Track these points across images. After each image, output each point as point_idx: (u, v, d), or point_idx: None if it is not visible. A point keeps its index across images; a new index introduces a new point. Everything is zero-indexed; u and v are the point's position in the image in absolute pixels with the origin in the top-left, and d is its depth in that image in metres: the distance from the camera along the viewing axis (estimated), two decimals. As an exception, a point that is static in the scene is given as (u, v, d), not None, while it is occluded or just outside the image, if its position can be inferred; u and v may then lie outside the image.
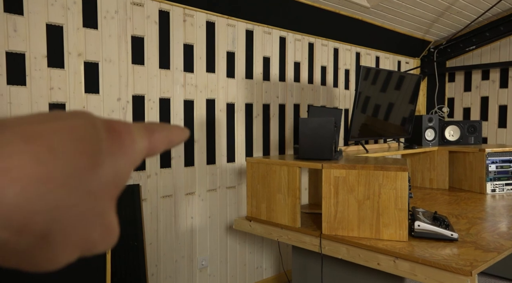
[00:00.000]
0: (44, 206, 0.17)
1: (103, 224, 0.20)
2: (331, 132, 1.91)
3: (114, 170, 0.20)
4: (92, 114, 0.21)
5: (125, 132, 0.21)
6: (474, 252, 1.57)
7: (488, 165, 2.77)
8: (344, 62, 3.44)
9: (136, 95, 2.19)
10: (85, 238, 0.20)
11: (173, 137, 0.25)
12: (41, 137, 0.18)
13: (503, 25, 3.65)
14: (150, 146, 0.23)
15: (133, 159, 0.22)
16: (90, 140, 0.19)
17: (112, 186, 0.20)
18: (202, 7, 2.42)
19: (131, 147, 0.21)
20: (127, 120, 0.22)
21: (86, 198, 0.19)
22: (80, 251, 0.20)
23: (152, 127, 0.24)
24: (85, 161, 0.19)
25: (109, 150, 0.20)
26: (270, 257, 2.95)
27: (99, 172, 0.19)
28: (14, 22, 1.78)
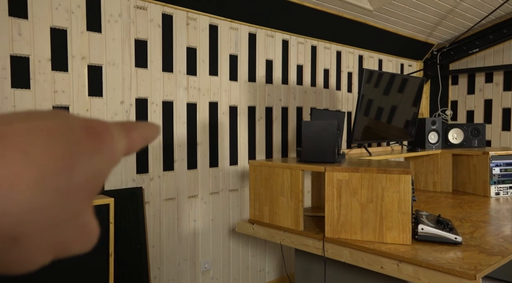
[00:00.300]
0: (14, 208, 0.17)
1: (78, 225, 0.20)
2: (334, 135, 1.91)
3: (91, 170, 0.20)
4: (70, 114, 0.20)
5: (103, 132, 0.21)
6: (478, 255, 1.56)
7: (492, 168, 2.76)
8: (347, 65, 3.44)
9: (139, 98, 2.20)
10: (59, 240, 0.19)
11: (148, 135, 0.25)
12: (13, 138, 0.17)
13: (506, 27, 3.65)
14: (128, 144, 0.23)
15: (112, 158, 0.21)
16: (65, 141, 0.19)
17: (88, 187, 0.20)
18: (205, 10, 2.43)
19: (110, 146, 0.21)
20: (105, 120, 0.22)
21: (61, 199, 0.18)
22: (54, 253, 0.20)
23: (129, 125, 0.23)
24: (59, 162, 0.18)
25: (86, 150, 0.20)
26: (273, 260, 2.95)
27: (74, 172, 0.19)
28: (18, 26, 1.79)
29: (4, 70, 1.76)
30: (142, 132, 0.24)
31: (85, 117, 0.21)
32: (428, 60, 4.19)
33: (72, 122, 0.20)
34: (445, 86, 4.17)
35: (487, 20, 3.58)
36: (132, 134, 0.23)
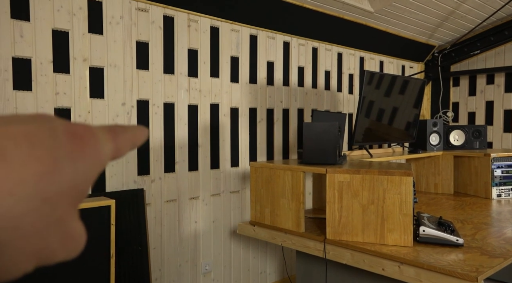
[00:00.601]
0: None
1: (62, 232, 0.20)
2: (335, 136, 1.91)
3: (76, 175, 0.19)
4: (53, 117, 0.20)
5: (87, 136, 0.20)
6: (480, 257, 1.55)
7: (494, 170, 2.75)
8: (348, 67, 3.44)
9: (140, 100, 2.20)
10: (42, 247, 0.19)
11: (135, 138, 0.24)
12: None
13: (507, 29, 3.65)
14: (115, 148, 0.22)
15: (97, 162, 0.21)
16: (46, 145, 0.18)
17: (72, 192, 0.19)
18: (207, 12, 2.44)
19: (94, 150, 0.21)
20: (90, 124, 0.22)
21: (42, 206, 0.18)
22: (38, 260, 0.19)
23: (115, 129, 0.23)
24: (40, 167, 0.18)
25: (69, 155, 0.19)
26: (274, 262, 2.94)
27: (56, 178, 0.18)
28: (20, 28, 1.80)
29: (6, 72, 1.77)
30: (129, 136, 0.24)
31: (69, 121, 0.21)
32: (429, 62, 4.19)
33: (55, 126, 0.19)
34: (446, 87, 4.17)
35: (488, 21, 3.58)
36: (118, 138, 0.23)
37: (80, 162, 0.20)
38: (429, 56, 4.16)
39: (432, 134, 3.04)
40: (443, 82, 4.11)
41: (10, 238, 0.17)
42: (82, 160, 0.20)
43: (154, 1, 2.22)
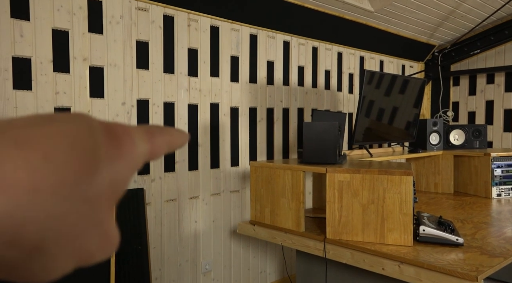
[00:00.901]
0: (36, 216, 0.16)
1: (101, 233, 0.20)
2: (335, 136, 1.91)
3: (113, 176, 0.19)
4: (90, 117, 0.20)
5: (124, 136, 0.20)
6: (480, 257, 1.55)
7: (494, 169, 2.75)
8: (348, 66, 3.44)
9: (140, 100, 2.20)
10: (81, 248, 0.19)
11: (174, 141, 0.24)
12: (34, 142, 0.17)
13: (507, 29, 3.64)
14: (151, 149, 0.22)
15: (133, 163, 0.21)
16: (86, 145, 0.18)
17: (110, 193, 0.19)
18: (207, 11, 2.44)
19: (131, 151, 0.20)
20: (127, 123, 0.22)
21: (82, 207, 0.18)
22: (77, 262, 0.19)
23: (152, 130, 0.23)
24: (81, 168, 0.17)
25: (108, 155, 0.19)
26: (274, 261, 2.94)
27: (96, 178, 0.18)
28: (20, 28, 1.80)
29: (6, 72, 1.77)
30: (166, 138, 0.23)
31: (106, 120, 0.21)
32: (429, 61, 4.19)
33: (93, 125, 0.19)
34: (446, 87, 4.16)
35: (488, 21, 3.58)
36: (155, 139, 0.22)
37: (118, 163, 0.19)
38: (429, 55, 4.16)
39: (432, 133, 3.04)
40: (443, 81, 4.11)
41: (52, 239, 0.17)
42: (120, 160, 0.20)
43: (154, 1, 2.21)
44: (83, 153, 0.18)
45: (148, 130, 0.22)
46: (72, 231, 0.18)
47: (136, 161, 0.21)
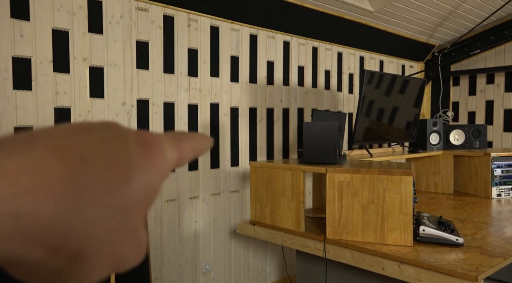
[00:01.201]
0: (77, 224, 0.16)
1: (134, 240, 0.20)
2: (335, 136, 1.91)
3: (146, 184, 0.19)
4: (121, 125, 0.20)
5: (154, 144, 0.21)
6: (480, 257, 1.55)
7: (494, 169, 2.75)
8: (348, 66, 3.44)
9: (140, 100, 2.20)
10: (117, 255, 0.19)
11: (199, 147, 0.24)
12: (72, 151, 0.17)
13: (507, 29, 3.64)
14: (179, 156, 0.23)
15: (163, 171, 0.21)
16: (121, 154, 0.18)
17: (143, 201, 0.20)
18: (207, 12, 2.44)
19: (161, 159, 0.21)
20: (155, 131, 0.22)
21: (119, 215, 0.18)
22: (112, 268, 0.19)
23: (179, 137, 0.23)
24: (118, 176, 0.18)
25: (140, 163, 0.19)
26: (274, 261, 2.95)
27: (131, 187, 0.19)
28: (20, 28, 1.80)
29: (6, 72, 1.77)
30: (193, 144, 0.24)
31: (136, 129, 0.21)
32: (429, 61, 4.19)
33: (125, 134, 0.20)
34: (446, 87, 4.17)
35: (488, 21, 3.58)
36: (182, 146, 0.23)
37: (149, 171, 0.20)
38: (429, 55, 4.16)
39: (432, 133, 3.04)
40: (443, 81, 4.11)
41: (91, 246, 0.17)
42: (151, 168, 0.20)
43: (154, 1, 2.22)
44: (119, 161, 0.18)
45: (176, 137, 0.23)
46: (109, 238, 0.18)
47: (166, 169, 0.21)
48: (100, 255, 0.18)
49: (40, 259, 0.16)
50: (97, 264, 0.18)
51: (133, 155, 0.19)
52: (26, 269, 0.17)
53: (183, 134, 0.24)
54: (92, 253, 0.18)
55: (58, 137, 0.17)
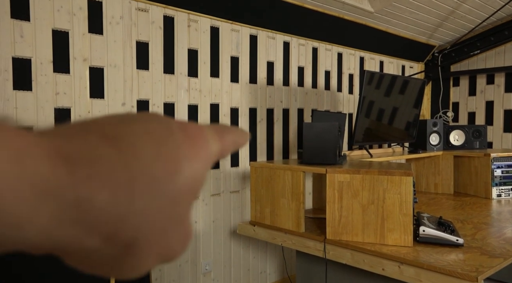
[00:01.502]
0: (131, 213, 0.17)
1: (182, 231, 0.20)
2: (335, 136, 1.91)
3: (192, 175, 0.19)
4: (163, 116, 0.20)
5: (199, 135, 0.21)
6: (480, 257, 1.55)
7: (494, 170, 2.75)
8: (348, 67, 3.44)
9: (140, 100, 2.20)
10: (166, 245, 0.19)
11: (239, 140, 0.24)
12: (124, 140, 0.17)
13: (507, 29, 3.65)
14: (221, 148, 0.23)
15: (207, 162, 0.21)
16: (169, 145, 0.19)
17: (190, 192, 0.20)
18: (207, 12, 2.44)
19: (205, 150, 0.21)
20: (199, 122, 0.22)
21: (168, 205, 0.18)
22: (161, 259, 0.20)
23: (221, 129, 0.23)
24: (167, 166, 0.18)
25: (186, 154, 0.19)
26: (274, 262, 2.94)
27: (179, 178, 0.19)
28: (20, 28, 1.80)
29: (6, 72, 1.77)
30: (234, 137, 0.24)
31: (180, 120, 0.21)
32: (429, 62, 4.19)
33: (172, 125, 0.20)
34: (446, 87, 4.17)
35: (488, 21, 3.58)
36: (224, 138, 0.23)
37: (195, 162, 0.20)
38: (429, 56, 4.16)
39: (432, 134, 3.04)
40: (443, 82, 4.11)
41: (143, 236, 0.18)
42: (196, 159, 0.20)
43: (154, 1, 2.22)
44: (167, 152, 0.18)
45: (218, 129, 0.23)
46: (159, 228, 0.18)
47: (209, 160, 0.21)
48: (151, 245, 0.18)
49: (96, 247, 0.17)
50: (148, 254, 0.18)
51: (181, 146, 0.19)
52: (82, 258, 0.17)
53: (225, 127, 0.24)
54: (143, 243, 0.18)
55: (109, 126, 0.17)
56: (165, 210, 0.18)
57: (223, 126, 0.24)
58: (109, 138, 0.17)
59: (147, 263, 0.19)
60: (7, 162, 0.14)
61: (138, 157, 0.17)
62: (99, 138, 0.17)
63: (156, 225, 0.18)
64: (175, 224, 0.19)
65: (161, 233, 0.19)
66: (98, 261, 0.18)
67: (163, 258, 0.20)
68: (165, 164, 0.18)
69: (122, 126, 0.18)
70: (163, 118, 0.20)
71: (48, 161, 0.15)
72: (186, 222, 0.20)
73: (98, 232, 0.16)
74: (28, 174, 0.14)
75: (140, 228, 0.17)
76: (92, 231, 0.16)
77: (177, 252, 0.20)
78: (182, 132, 0.20)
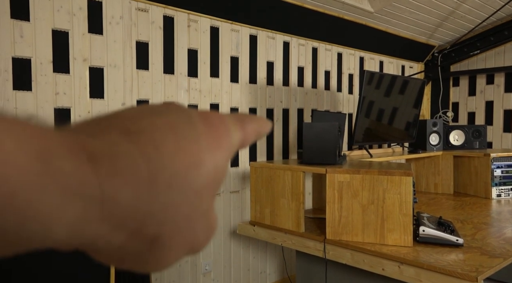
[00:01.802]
0: (154, 208, 0.17)
1: (206, 222, 0.20)
2: (335, 136, 1.91)
3: (214, 166, 0.19)
4: (184, 107, 0.20)
5: (220, 125, 0.21)
6: (480, 257, 1.55)
7: (494, 170, 2.75)
8: (348, 67, 3.44)
9: (140, 100, 2.20)
10: (191, 238, 0.19)
11: (261, 129, 0.24)
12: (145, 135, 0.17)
13: (507, 29, 3.65)
14: (243, 137, 0.22)
15: (229, 152, 0.21)
16: (190, 136, 0.19)
17: (213, 183, 0.19)
18: (206, 12, 2.44)
19: (228, 140, 0.21)
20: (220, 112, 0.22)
21: (192, 198, 0.18)
22: (187, 251, 0.20)
23: (243, 118, 0.23)
24: (189, 159, 0.18)
25: (208, 145, 0.19)
26: (274, 262, 2.94)
27: (201, 169, 0.18)
28: (20, 28, 1.80)
29: (6, 72, 1.77)
30: (256, 126, 0.24)
31: (201, 109, 0.21)
32: (429, 62, 4.19)
33: (192, 116, 0.20)
34: (446, 87, 4.17)
35: (488, 22, 3.58)
36: (246, 127, 0.23)
37: (217, 152, 0.20)
38: (429, 56, 4.16)
39: (432, 134, 3.04)
40: (443, 82, 4.11)
41: (168, 230, 0.18)
42: (218, 149, 0.20)
43: (154, 1, 2.22)
44: (188, 144, 0.18)
45: (240, 118, 0.23)
46: (184, 221, 0.18)
47: (232, 150, 0.21)
48: (176, 238, 0.18)
49: (122, 243, 0.17)
50: (173, 247, 0.19)
51: (202, 137, 0.19)
52: (109, 253, 0.17)
53: (246, 116, 0.24)
54: (168, 237, 0.18)
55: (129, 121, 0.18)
56: (188, 203, 0.18)
57: (244, 115, 0.23)
58: (130, 133, 0.17)
59: (173, 256, 0.19)
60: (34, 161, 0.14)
61: (159, 151, 0.17)
62: (120, 133, 0.17)
63: (180, 219, 0.18)
64: (199, 216, 0.19)
65: (185, 226, 0.19)
66: (125, 256, 0.18)
67: (189, 250, 0.20)
68: (186, 157, 0.18)
69: (143, 120, 0.18)
70: (184, 109, 0.20)
71: (73, 159, 0.15)
72: (210, 213, 0.20)
73: (124, 228, 0.16)
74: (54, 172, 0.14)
75: (165, 223, 0.17)
76: (117, 228, 0.16)
77: (202, 244, 0.20)
78: (203, 123, 0.20)
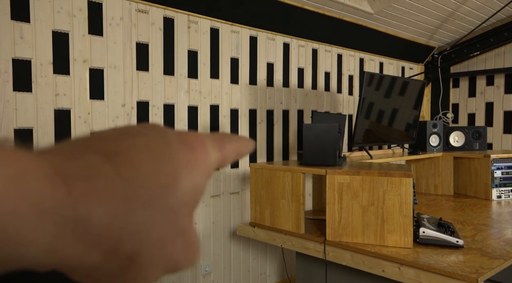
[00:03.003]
0: (130, 227, 0.17)
1: (184, 240, 0.20)
2: (335, 138, 1.91)
3: (192, 184, 0.20)
4: (163, 127, 0.21)
5: (198, 145, 0.21)
6: (480, 259, 1.55)
7: (494, 171, 2.75)
8: (348, 68, 3.45)
9: (140, 101, 2.20)
10: (169, 257, 0.19)
11: (241, 149, 0.24)
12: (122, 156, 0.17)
13: (507, 31, 3.65)
14: (222, 157, 0.23)
15: (207, 171, 0.21)
16: (167, 156, 0.19)
17: (190, 202, 0.20)
18: (206, 13, 2.44)
19: (205, 160, 0.21)
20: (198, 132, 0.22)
21: (169, 216, 0.19)
22: (164, 270, 0.20)
23: (222, 138, 0.23)
24: (166, 179, 0.18)
25: (185, 165, 0.20)
26: (274, 263, 2.94)
27: (178, 188, 0.19)
28: (20, 29, 1.80)
29: (6, 73, 1.77)
30: (235, 146, 0.24)
31: (179, 130, 0.21)
32: (429, 63, 4.19)
33: (170, 137, 0.20)
34: (446, 89, 4.17)
35: (488, 23, 3.59)
36: (224, 147, 0.23)
37: (195, 171, 0.20)
38: (429, 57, 4.16)
39: (432, 135, 3.04)
40: (443, 83, 4.11)
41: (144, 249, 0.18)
42: (196, 169, 0.20)
43: (154, 3, 2.22)
44: (165, 164, 0.19)
45: (218, 138, 0.23)
46: (161, 240, 0.19)
47: (209, 169, 0.22)
48: (153, 257, 0.18)
49: (97, 262, 0.17)
50: (151, 266, 0.19)
51: (178, 157, 0.19)
52: (85, 273, 0.17)
53: (226, 136, 0.24)
54: (145, 256, 0.18)
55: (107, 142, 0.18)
56: (165, 222, 0.18)
57: (224, 135, 0.24)
58: (108, 154, 0.17)
59: (151, 275, 0.19)
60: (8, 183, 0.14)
61: (136, 171, 0.17)
62: (98, 155, 0.17)
63: (157, 237, 0.18)
64: (177, 235, 0.19)
65: (162, 245, 0.19)
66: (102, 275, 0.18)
67: (168, 269, 0.20)
68: (163, 176, 0.18)
69: (121, 142, 0.18)
70: (162, 129, 0.20)
71: (47, 181, 0.15)
72: (189, 231, 0.20)
73: (99, 248, 0.16)
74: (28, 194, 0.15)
75: (140, 241, 0.17)
76: (92, 247, 0.16)
77: (183, 263, 0.20)
78: (181, 143, 0.20)
